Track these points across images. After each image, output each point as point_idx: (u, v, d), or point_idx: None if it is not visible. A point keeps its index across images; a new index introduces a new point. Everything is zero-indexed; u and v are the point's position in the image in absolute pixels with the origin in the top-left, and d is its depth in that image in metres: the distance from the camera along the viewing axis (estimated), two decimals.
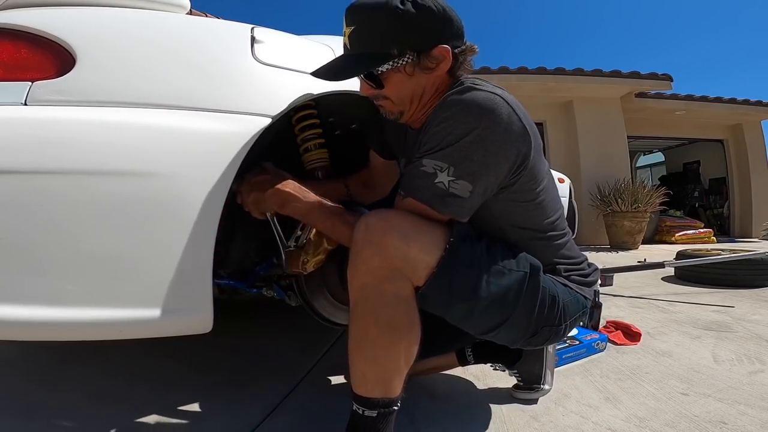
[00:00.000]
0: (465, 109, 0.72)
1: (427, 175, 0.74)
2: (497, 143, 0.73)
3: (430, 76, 0.80)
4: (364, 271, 0.73)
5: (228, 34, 0.92)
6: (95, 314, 0.70)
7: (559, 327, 0.85)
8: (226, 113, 0.81)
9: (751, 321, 1.86)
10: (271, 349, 1.52)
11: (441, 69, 0.79)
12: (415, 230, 0.73)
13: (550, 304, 0.81)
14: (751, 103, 7.40)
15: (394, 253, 0.71)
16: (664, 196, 5.88)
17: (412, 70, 0.79)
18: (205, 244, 0.76)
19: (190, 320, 0.78)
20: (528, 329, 0.81)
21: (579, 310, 0.88)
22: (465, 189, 0.74)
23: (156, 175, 0.73)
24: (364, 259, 0.73)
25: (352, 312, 0.76)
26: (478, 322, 0.79)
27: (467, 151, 0.72)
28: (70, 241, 0.69)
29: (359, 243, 0.73)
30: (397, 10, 0.73)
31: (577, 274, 0.91)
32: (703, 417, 0.98)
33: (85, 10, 0.82)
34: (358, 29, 0.77)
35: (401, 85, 0.81)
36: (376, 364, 0.74)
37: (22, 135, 0.68)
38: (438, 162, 0.73)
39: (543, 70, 6.18)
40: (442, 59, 0.78)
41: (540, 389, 1.07)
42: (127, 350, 1.45)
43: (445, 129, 0.73)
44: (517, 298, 0.77)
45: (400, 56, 0.77)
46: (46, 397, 1.11)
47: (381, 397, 0.75)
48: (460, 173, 0.73)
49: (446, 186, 0.73)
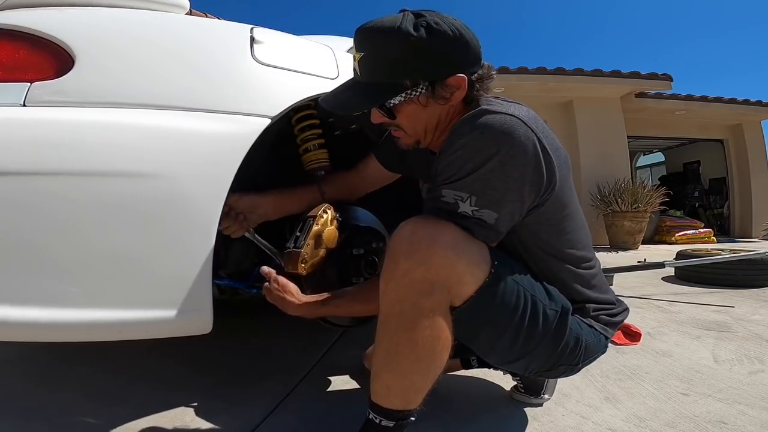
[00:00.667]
0: (481, 134, 0.68)
1: (448, 204, 0.70)
2: (518, 168, 0.68)
3: (443, 109, 0.76)
4: (405, 283, 0.67)
5: (227, 34, 0.92)
6: (95, 315, 0.70)
7: (576, 366, 0.83)
8: (225, 114, 0.81)
9: (751, 321, 1.86)
10: (271, 349, 1.52)
11: (456, 98, 0.75)
12: (464, 242, 0.69)
13: (572, 345, 0.79)
14: (751, 103, 7.40)
15: (442, 264, 0.66)
16: (664, 196, 5.87)
17: (426, 101, 0.74)
18: (205, 244, 0.77)
19: (190, 320, 0.78)
20: (545, 365, 0.80)
21: (599, 351, 0.85)
22: (491, 218, 0.70)
23: (155, 175, 0.73)
24: (404, 270, 0.67)
25: (383, 324, 0.71)
26: (499, 352, 0.77)
27: (488, 179, 0.68)
28: (69, 242, 0.69)
29: (400, 253, 0.68)
30: (409, 37, 0.68)
31: (606, 314, 0.87)
32: (703, 417, 0.98)
33: (84, 11, 0.82)
34: (369, 56, 0.73)
35: (415, 117, 0.77)
36: (404, 379, 0.71)
37: (21, 136, 0.68)
38: (458, 192, 0.69)
39: (543, 70, 6.18)
40: (457, 88, 0.73)
41: (540, 397, 1.07)
42: (127, 350, 1.45)
43: (462, 157, 0.69)
44: (543, 336, 0.74)
45: (413, 87, 0.72)
46: (46, 397, 1.10)
47: (401, 409, 0.73)
48: (483, 203, 0.69)
49: (470, 214, 0.69)
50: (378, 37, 0.71)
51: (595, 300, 0.85)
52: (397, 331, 0.69)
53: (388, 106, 0.75)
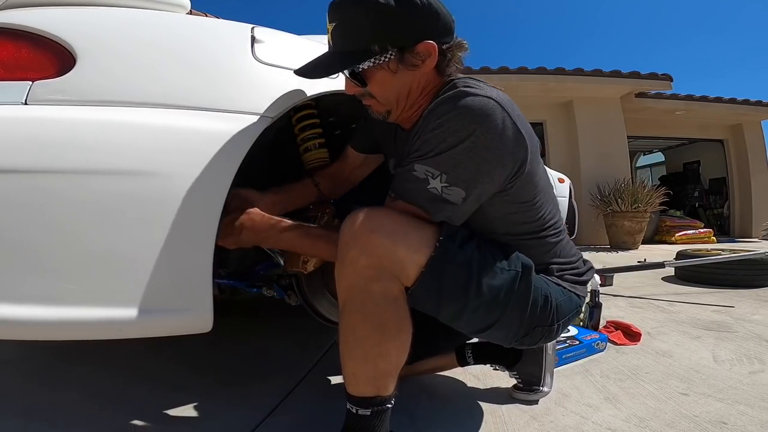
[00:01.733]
0: (458, 115, 0.71)
1: (418, 180, 0.73)
2: (492, 150, 0.71)
3: (416, 74, 0.78)
4: (351, 271, 0.72)
5: (228, 33, 0.92)
6: (95, 314, 0.70)
7: (552, 327, 0.84)
8: (226, 113, 0.81)
9: (751, 321, 1.86)
10: (271, 349, 1.52)
11: (427, 66, 0.77)
12: (403, 229, 0.72)
13: (542, 304, 0.81)
14: (751, 103, 7.41)
15: (381, 252, 0.70)
16: (664, 196, 5.88)
17: (396, 67, 0.76)
18: (205, 244, 0.76)
19: (190, 320, 0.78)
20: (520, 329, 0.81)
21: (572, 309, 0.87)
22: (458, 195, 0.73)
23: (156, 174, 0.73)
24: (351, 259, 0.71)
25: (341, 312, 0.75)
26: (469, 322, 0.79)
27: (461, 159, 0.71)
28: (69, 240, 0.69)
29: (345, 242, 0.72)
30: (377, 4, 0.71)
31: (571, 273, 0.90)
32: (703, 417, 0.98)
33: (85, 10, 0.82)
34: (340, 25, 0.76)
35: (385, 83, 0.78)
36: (366, 363, 0.74)
37: (22, 134, 0.68)
38: (430, 168, 0.72)
39: (543, 70, 6.19)
40: (427, 55, 0.75)
41: (539, 391, 1.07)
42: (127, 350, 1.45)
43: (438, 135, 0.71)
44: (508, 298, 0.76)
45: (382, 53, 0.74)
46: (46, 397, 1.10)
47: (373, 396, 0.74)
48: (453, 180, 0.72)
49: (439, 191, 0.72)
50: (348, 6, 0.75)
51: (560, 261, 0.88)
52: (352, 316, 0.73)
53: (357, 71, 0.77)
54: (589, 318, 1.68)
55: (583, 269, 0.93)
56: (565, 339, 1.43)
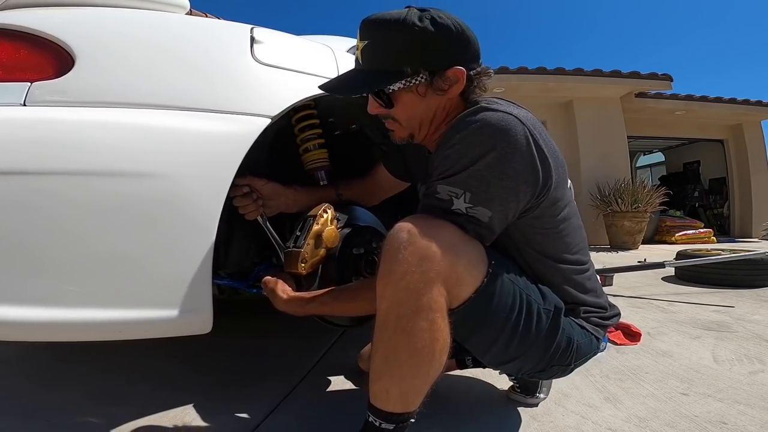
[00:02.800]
0: (477, 130, 0.68)
1: (442, 201, 0.70)
2: (514, 165, 0.68)
3: (442, 99, 0.77)
4: (403, 286, 0.65)
5: (228, 34, 0.92)
6: (95, 315, 0.70)
7: (568, 367, 0.84)
8: (225, 113, 0.81)
9: (751, 321, 1.86)
10: (271, 349, 1.52)
11: (453, 91, 0.76)
12: (463, 242, 0.68)
13: (564, 346, 0.79)
14: (751, 103, 7.40)
15: (442, 266, 0.65)
16: (664, 196, 5.87)
17: (425, 91, 0.75)
18: (205, 244, 0.77)
19: (190, 320, 0.78)
20: (538, 365, 0.80)
21: (590, 352, 0.86)
22: (484, 215, 0.69)
23: (155, 175, 0.73)
24: (402, 273, 0.65)
25: (381, 326, 0.69)
26: (494, 353, 0.77)
27: (482, 175, 0.68)
28: (69, 241, 0.69)
29: (398, 252, 0.65)
30: (414, 27, 0.70)
31: (597, 316, 0.87)
32: (703, 417, 0.98)
33: (84, 11, 0.82)
34: (372, 44, 0.74)
35: (411, 106, 0.77)
36: (403, 383, 0.70)
37: (21, 135, 0.68)
38: (452, 188, 0.69)
39: (543, 70, 6.18)
40: (455, 81, 0.74)
41: (536, 396, 1.07)
42: (127, 350, 1.45)
43: (458, 152, 0.69)
44: (537, 336, 0.74)
45: (414, 75, 0.73)
46: (46, 397, 1.10)
47: (401, 412, 0.71)
48: (476, 200, 0.69)
49: (464, 211, 0.69)
50: (383, 26, 0.73)
51: (587, 303, 0.86)
52: (396, 334, 0.68)
53: (387, 92, 0.76)
54: None
55: (609, 314, 0.90)
56: None
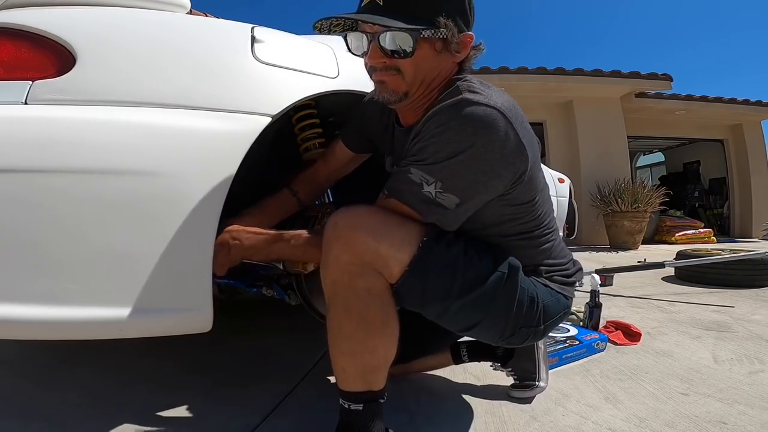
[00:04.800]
0: (459, 125, 0.69)
1: (413, 182, 0.73)
2: (491, 163, 0.70)
3: (449, 61, 0.78)
4: (335, 268, 0.72)
5: (228, 33, 0.92)
6: (95, 313, 0.70)
7: (538, 328, 0.84)
8: (226, 112, 0.81)
9: (751, 321, 1.86)
10: (271, 349, 1.52)
11: (459, 57, 0.78)
12: (386, 226, 0.73)
13: (528, 305, 0.80)
14: (751, 103, 7.41)
15: (364, 249, 0.70)
16: (664, 196, 5.88)
17: (441, 47, 0.75)
18: (205, 244, 0.76)
19: (190, 320, 0.78)
20: (505, 329, 0.81)
21: (560, 311, 0.87)
22: (452, 201, 0.72)
23: (156, 174, 0.73)
24: (334, 256, 0.72)
25: (327, 308, 0.75)
26: (453, 321, 0.79)
27: (457, 169, 0.70)
28: (70, 240, 0.69)
29: (328, 241, 0.72)
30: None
31: (560, 275, 0.89)
32: (703, 417, 0.98)
33: (85, 10, 0.82)
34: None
35: (424, 60, 0.75)
36: (354, 358, 0.74)
37: (23, 134, 0.68)
38: (426, 175, 0.71)
39: (543, 70, 6.19)
40: (465, 46, 0.76)
41: (536, 386, 1.07)
42: (127, 350, 1.45)
43: (436, 144, 0.70)
44: (492, 299, 0.77)
45: (444, 27, 0.73)
46: (46, 397, 1.10)
47: (364, 390, 0.75)
48: (448, 187, 0.71)
49: (432, 195, 0.72)
50: None
51: (550, 263, 0.88)
52: (337, 312, 0.73)
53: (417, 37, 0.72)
54: (589, 318, 1.68)
55: (572, 270, 0.92)
56: (565, 339, 1.43)
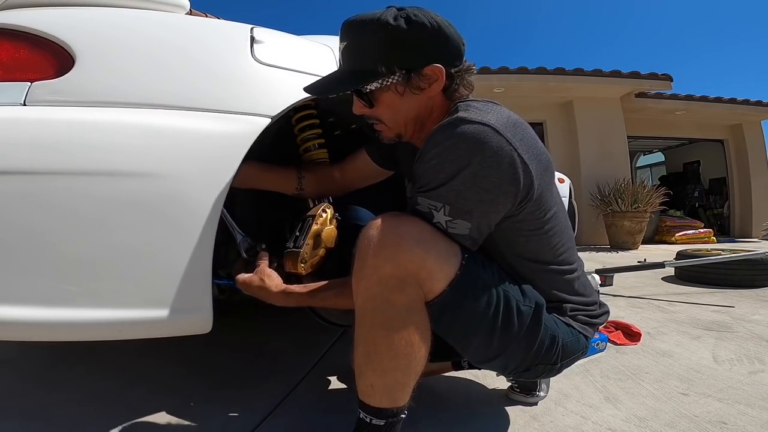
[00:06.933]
0: (452, 146, 0.68)
1: (423, 213, 0.71)
2: (491, 179, 0.68)
3: (422, 97, 0.76)
4: (375, 281, 0.67)
5: (227, 34, 0.92)
6: (95, 314, 0.70)
7: (554, 366, 0.83)
8: (225, 113, 0.81)
9: (751, 321, 1.86)
10: (271, 349, 1.52)
11: (434, 89, 0.76)
12: (432, 237, 0.69)
13: (548, 343, 0.78)
14: (751, 103, 7.40)
15: (410, 258, 0.66)
16: (664, 196, 5.87)
17: (403, 90, 0.75)
18: (205, 244, 0.76)
19: (190, 320, 0.78)
20: (522, 364, 0.80)
21: (578, 350, 0.85)
22: (464, 227, 0.71)
23: (155, 175, 0.73)
24: (373, 266, 0.67)
25: (359, 322, 0.71)
26: (475, 348, 0.77)
27: (460, 190, 0.68)
28: (69, 241, 0.69)
29: (368, 248, 0.67)
30: (387, 26, 0.71)
31: (584, 314, 0.86)
32: (703, 417, 0.98)
33: (84, 11, 0.82)
34: (350, 45, 0.75)
35: (392, 106, 0.77)
36: (385, 376, 0.70)
37: (21, 135, 0.68)
38: (432, 202, 0.70)
39: (543, 70, 6.18)
40: (434, 79, 0.74)
41: (536, 395, 1.07)
42: (127, 351, 1.45)
43: (435, 167, 0.69)
44: (518, 333, 0.74)
45: (389, 74, 0.73)
46: (46, 397, 1.10)
47: (389, 407, 0.72)
48: (455, 212, 0.69)
49: (444, 226, 0.70)
50: (358, 27, 0.74)
51: (575, 300, 0.85)
52: (373, 328, 0.69)
53: (365, 91, 0.76)
54: None
55: (597, 312, 0.89)
56: None
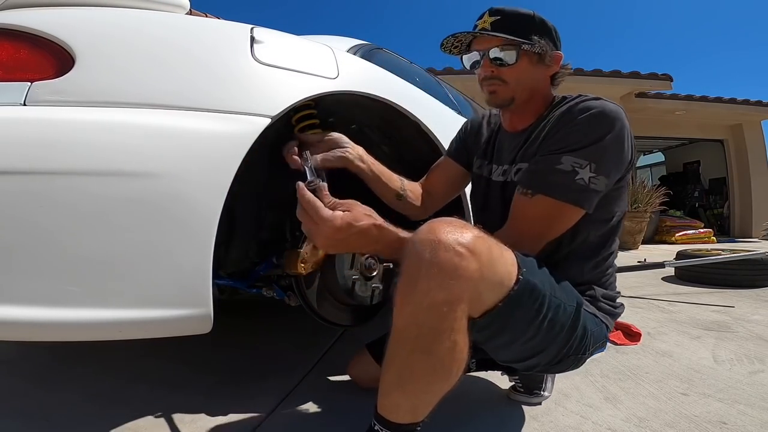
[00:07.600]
0: (600, 113, 0.80)
1: (565, 173, 0.78)
2: (627, 144, 0.82)
3: (543, 73, 0.92)
4: (425, 307, 0.62)
5: (228, 34, 0.92)
6: (95, 314, 0.70)
7: (582, 356, 0.84)
8: (225, 113, 0.81)
9: (751, 321, 1.86)
10: (271, 349, 1.52)
11: (551, 70, 0.93)
12: (490, 258, 0.66)
13: (581, 335, 0.80)
14: (751, 103, 7.40)
15: (467, 286, 0.63)
16: (664, 196, 5.87)
17: (537, 60, 0.89)
18: (205, 244, 0.76)
19: (190, 320, 0.78)
20: (555, 358, 0.80)
21: (601, 339, 0.87)
22: (603, 183, 0.80)
23: (155, 175, 0.73)
24: (425, 291, 0.62)
25: (396, 342, 0.67)
26: (512, 353, 0.77)
27: (606, 148, 0.79)
28: (70, 241, 0.69)
29: (420, 266, 0.62)
30: (535, 15, 0.89)
31: (608, 305, 0.91)
32: (703, 417, 0.98)
33: (84, 11, 0.82)
34: (504, 18, 0.88)
35: (524, 70, 0.89)
36: (415, 398, 0.68)
37: (21, 135, 0.68)
38: (578, 159, 0.78)
39: None
40: (556, 62, 0.92)
41: (539, 395, 1.07)
42: (127, 351, 1.45)
43: (582, 130, 0.80)
44: (559, 333, 0.75)
45: (538, 43, 0.87)
46: (46, 397, 1.10)
47: (409, 423, 0.70)
48: (600, 169, 0.78)
49: (587, 182, 0.78)
50: (512, 9, 0.89)
51: (601, 292, 0.91)
52: (414, 354, 0.65)
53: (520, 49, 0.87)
54: None
55: (618, 306, 0.95)
56: None
